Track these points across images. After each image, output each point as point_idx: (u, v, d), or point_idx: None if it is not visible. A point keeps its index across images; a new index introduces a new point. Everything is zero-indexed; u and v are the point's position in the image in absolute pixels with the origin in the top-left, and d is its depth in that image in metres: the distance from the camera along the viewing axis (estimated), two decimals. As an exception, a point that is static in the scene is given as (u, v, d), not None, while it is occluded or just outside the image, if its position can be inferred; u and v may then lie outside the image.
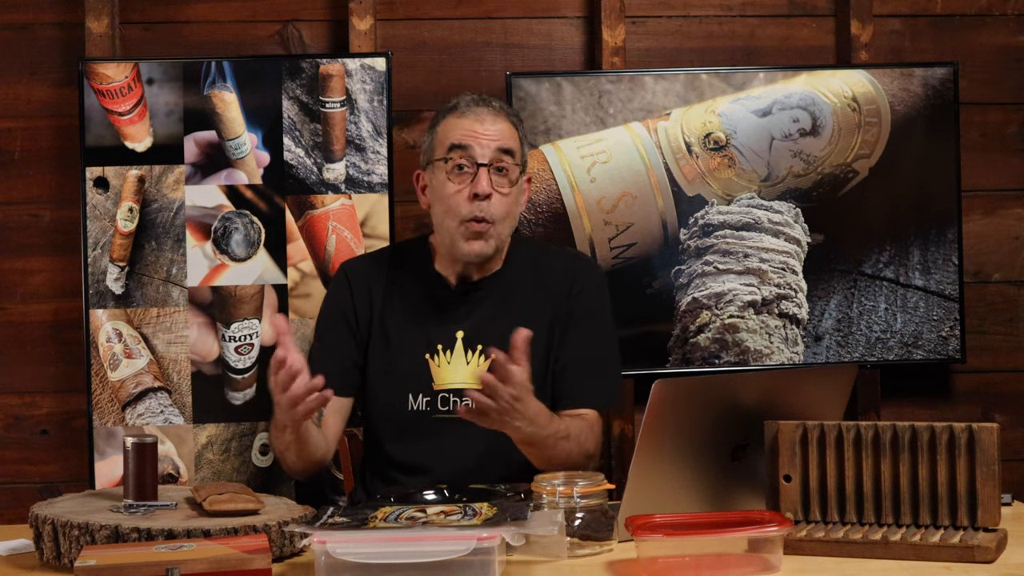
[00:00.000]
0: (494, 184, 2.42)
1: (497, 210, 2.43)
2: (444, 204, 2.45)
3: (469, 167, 2.43)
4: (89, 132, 3.05)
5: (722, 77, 3.16)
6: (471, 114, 2.46)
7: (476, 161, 2.42)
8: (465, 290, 2.52)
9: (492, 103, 2.50)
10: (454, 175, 2.44)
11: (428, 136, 2.53)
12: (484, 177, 2.41)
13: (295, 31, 3.23)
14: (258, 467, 3.07)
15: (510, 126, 2.48)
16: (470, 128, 2.44)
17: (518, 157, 2.47)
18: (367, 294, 2.55)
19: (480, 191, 2.40)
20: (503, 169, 2.44)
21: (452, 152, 2.44)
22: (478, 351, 2.48)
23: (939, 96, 3.18)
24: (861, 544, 1.95)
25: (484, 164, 2.42)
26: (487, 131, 2.44)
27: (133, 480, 2.10)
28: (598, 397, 2.51)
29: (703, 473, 2.10)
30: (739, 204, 3.14)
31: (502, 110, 2.50)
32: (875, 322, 3.18)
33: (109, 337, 3.04)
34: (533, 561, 1.96)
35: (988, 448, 1.96)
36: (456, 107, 2.49)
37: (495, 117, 2.46)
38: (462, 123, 2.46)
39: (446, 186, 2.45)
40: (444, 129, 2.48)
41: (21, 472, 3.20)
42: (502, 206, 2.43)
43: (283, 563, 1.98)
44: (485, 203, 2.41)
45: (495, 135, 2.44)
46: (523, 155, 2.50)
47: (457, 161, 2.43)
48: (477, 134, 2.44)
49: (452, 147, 2.44)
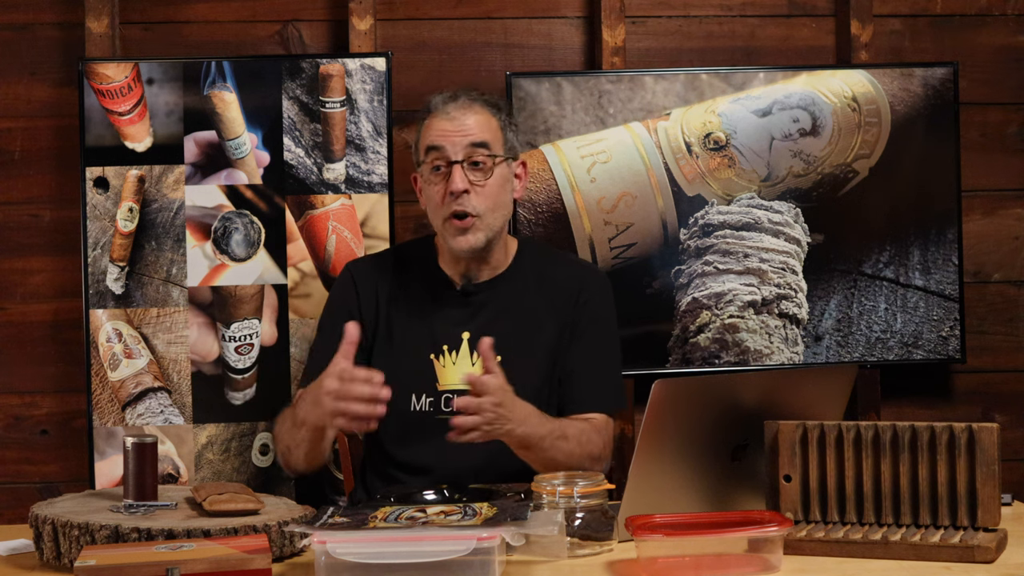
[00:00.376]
0: (470, 179, 2.45)
1: (477, 203, 2.45)
2: (430, 205, 2.52)
3: (444, 166, 2.47)
4: (89, 132, 3.05)
5: (722, 77, 3.16)
6: (442, 114, 2.49)
7: (448, 159, 2.46)
8: (471, 291, 2.54)
9: (464, 96, 2.51)
10: (433, 176, 2.48)
11: (416, 139, 2.57)
12: (457, 174, 2.45)
13: (295, 31, 3.23)
14: (258, 467, 3.07)
15: (486, 116, 2.50)
16: (441, 128, 2.48)
17: (495, 147, 2.49)
18: (373, 294, 2.56)
19: (454, 189, 2.44)
20: (477, 163, 2.46)
21: (428, 155, 2.49)
22: None
23: (939, 96, 3.18)
24: (861, 544, 1.95)
25: (456, 161, 2.45)
26: (457, 128, 2.47)
27: (133, 480, 2.10)
28: (605, 401, 2.53)
29: (703, 473, 2.10)
30: (739, 204, 3.14)
31: (476, 100, 2.51)
32: (875, 322, 3.18)
33: (109, 337, 3.04)
34: (533, 561, 1.96)
35: (988, 448, 1.96)
36: (431, 108, 2.53)
37: (466, 112, 2.48)
38: (435, 124, 2.49)
39: (428, 187, 2.50)
40: (423, 131, 2.52)
41: (21, 472, 3.20)
42: (482, 198, 2.46)
43: (283, 563, 1.98)
44: (463, 198, 2.44)
45: (467, 130, 2.47)
46: (506, 141, 2.51)
47: (432, 163, 2.48)
48: (447, 133, 2.47)
49: (428, 149, 2.49)
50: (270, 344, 3.06)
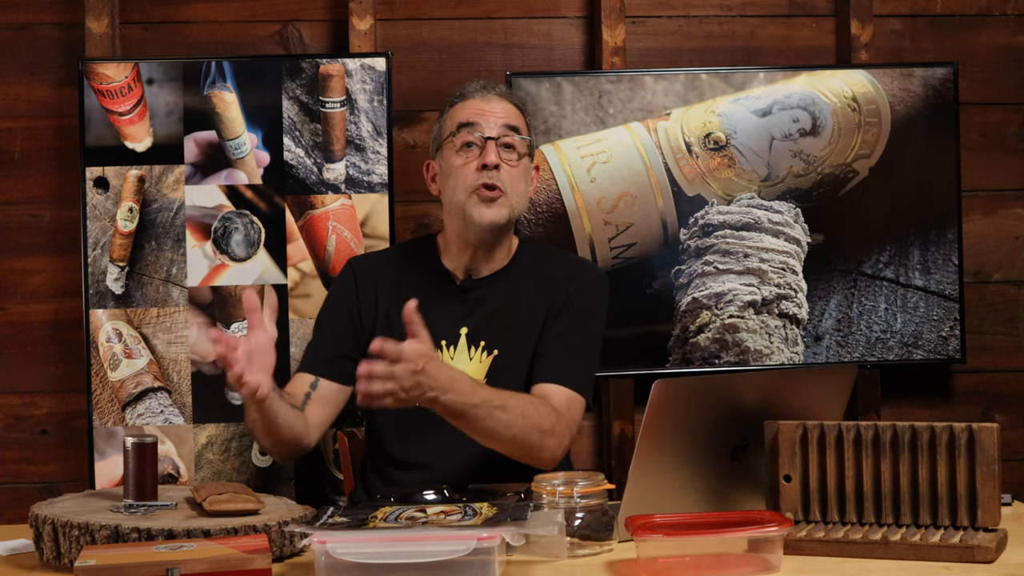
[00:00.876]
0: (502, 157, 2.47)
1: (507, 179, 2.47)
2: (454, 179, 2.49)
3: (477, 142, 2.48)
4: (89, 132, 3.05)
5: (722, 77, 3.16)
6: (478, 96, 2.54)
7: (484, 135, 2.48)
8: (470, 286, 2.54)
9: (498, 87, 2.57)
10: (463, 151, 2.49)
11: (437, 125, 2.59)
12: (492, 149, 2.46)
13: (295, 31, 3.23)
14: (258, 467, 3.07)
15: (516, 110, 2.55)
16: (477, 107, 2.51)
17: (525, 134, 2.53)
18: (373, 292, 2.56)
19: (489, 161, 2.45)
20: (510, 145, 2.49)
21: (461, 130, 2.50)
22: (481, 347, 2.49)
23: (939, 96, 3.18)
24: (861, 544, 1.95)
25: (492, 137, 2.47)
26: (493, 109, 2.51)
27: (133, 480, 2.10)
28: (569, 377, 2.45)
29: (703, 473, 2.10)
30: (739, 204, 3.14)
31: (508, 96, 2.57)
32: (875, 322, 3.18)
33: (109, 337, 3.04)
34: (533, 561, 1.96)
35: (988, 448, 1.96)
36: (464, 93, 2.56)
37: (501, 99, 2.54)
38: (470, 104, 2.53)
39: (454, 161, 2.49)
40: (452, 112, 2.55)
41: (21, 472, 3.20)
42: (511, 177, 2.48)
43: (283, 563, 1.98)
44: (495, 172, 2.45)
45: (502, 113, 2.51)
46: (530, 140, 2.56)
47: (465, 138, 2.49)
48: (484, 112, 2.50)
49: (461, 125, 2.50)
50: (270, 344, 3.06)
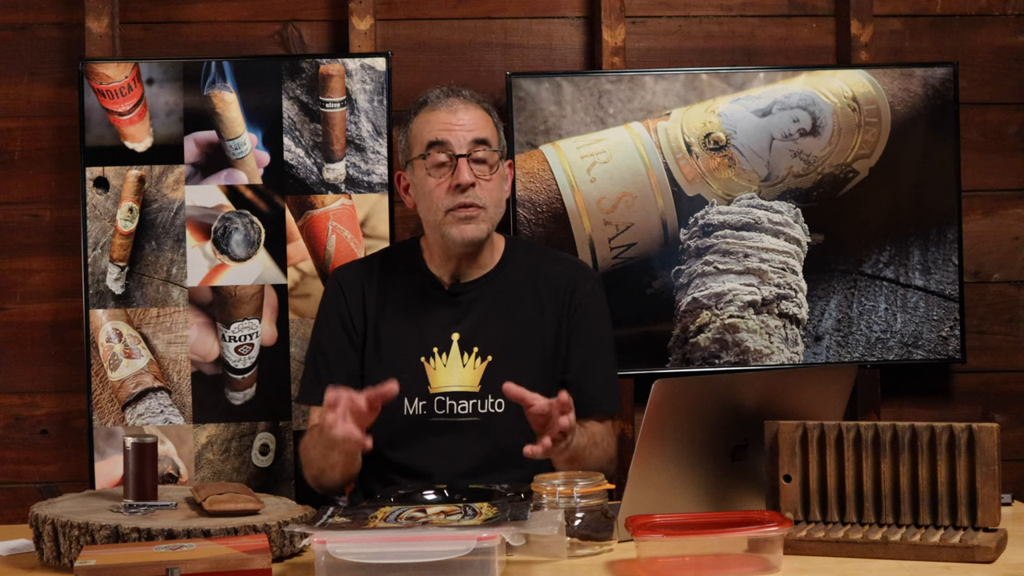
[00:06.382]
0: (475, 172, 2.44)
1: (483, 194, 2.44)
2: (428, 199, 2.47)
3: (448, 161, 2.44)
4: (89, 132, 3.05)
5: (722, 77, 3.16)
6: (443, 106, 2.48)
7: (454, 153, 2.44)
8: (459, 291, 2.52)
9: (462, 92, 2.52)
10: (434, 171, 2.45)
11: (403, 135, 2.55)
12: (464, 167, 2.43)
13: (295, 31, 3.23)
14: (258, 467, 3.07)
15: (483, 114, 2.50)
16: (444, 121, 2.46)
17: (495, 144, 2.49)
18: (360, 300, 2.55)
19: (462, 181, 2.42)
20: (482, 159, 2.46)
21: (430, 149, 2.46)
22: (474, 353, 2.48)
23: (939, 96, 3.18)
24: (861, 544, 1.95)
25: (463, 155, 2.43)
26: (461, 122, 2.45)
27: (133, 480, 2.10)
28: (611, 404, 2.57)
29: (703, 473, 2.10)
30: (739, 204, 3.14)
31: (473, 98, 2.51)
32: (875, 322, 3.18)
33: (109, 337, 3.04)
34: (533, 561, 1.96)
35: (988, 448, 1.96)
36: (427, 102, 2.51)
37: (467, 106, 2.48)
38: (436, 117, 2.47)
39: (427, 182, 2.46)
40: (418, 125, 2.50)
41: (21, 472, 3.20)
42: (487, 191, 2.45)
43: (283, 563, 1.99)
44: (470, 191, 2.43)
45: (470, 125, 2.46)
46: (500, 140, 2.52)
47: (436, 158, 2.45)
48: (452, 127, 2.45)
49: (430, 144, 2.46)
50: (270, 344, 3.06)
